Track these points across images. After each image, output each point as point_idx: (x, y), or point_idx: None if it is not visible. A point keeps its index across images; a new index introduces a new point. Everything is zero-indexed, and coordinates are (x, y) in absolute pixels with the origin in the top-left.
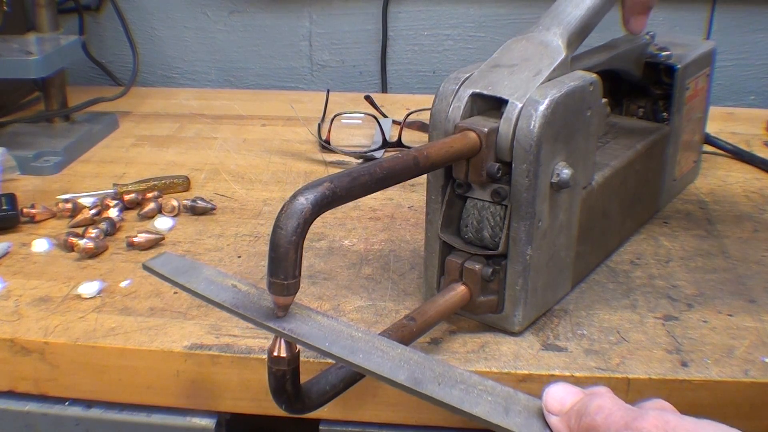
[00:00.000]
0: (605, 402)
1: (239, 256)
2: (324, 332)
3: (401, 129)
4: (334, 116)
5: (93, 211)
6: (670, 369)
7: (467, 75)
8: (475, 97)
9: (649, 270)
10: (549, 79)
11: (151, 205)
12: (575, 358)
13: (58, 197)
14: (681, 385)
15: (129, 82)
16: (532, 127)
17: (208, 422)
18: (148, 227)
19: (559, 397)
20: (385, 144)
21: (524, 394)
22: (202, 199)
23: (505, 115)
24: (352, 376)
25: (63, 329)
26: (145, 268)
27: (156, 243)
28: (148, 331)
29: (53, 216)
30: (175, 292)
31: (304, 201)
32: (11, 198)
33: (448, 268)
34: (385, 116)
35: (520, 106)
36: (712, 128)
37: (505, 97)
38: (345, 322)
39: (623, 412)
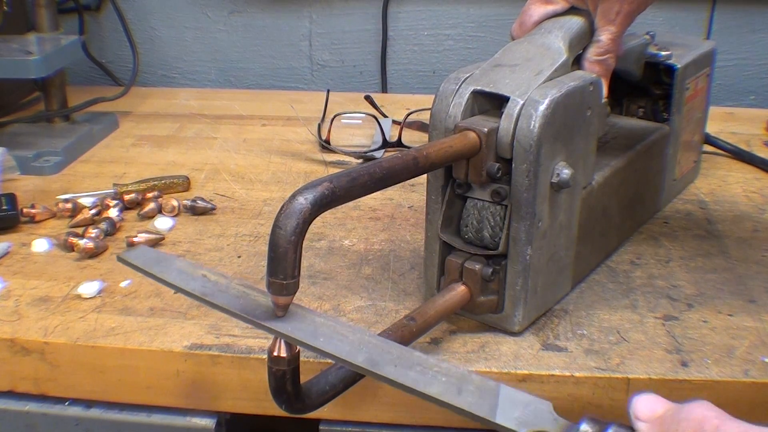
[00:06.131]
0: (709, 411)
1: (239, 256)
2: (288, 316)
3: (401, 129)
4: (334, 116)
5: (93, 211)
6: (670, 369)
7: (468, 74)
8: (476, 95)
9: (649, 270)
10: (550, 79)
11: (151, 205)
12: (575, 358)
13: (58, 197)
14: (681, 385)
15: (129, 82)
16: (532, 126)
17: (208, 422)
18: (148, 227)
19: (649, 404)
20: (385, 144)
21: (478, 375)
22: (202, 199)
23: (506, 111)
24: (352, 376)
25: (63, 329)
26: (119, 259)
27: (156, 243)
28: (148, 331)
29: (53, 216)
30: (175, 292)
31: (304, 201)
32: (11, 198)
33: (448, 268)
34: (385, 116)
35: (521, 102)
36: (712, 128)
37: (506, 94)
38: (309, 309)
39: (738, 425)
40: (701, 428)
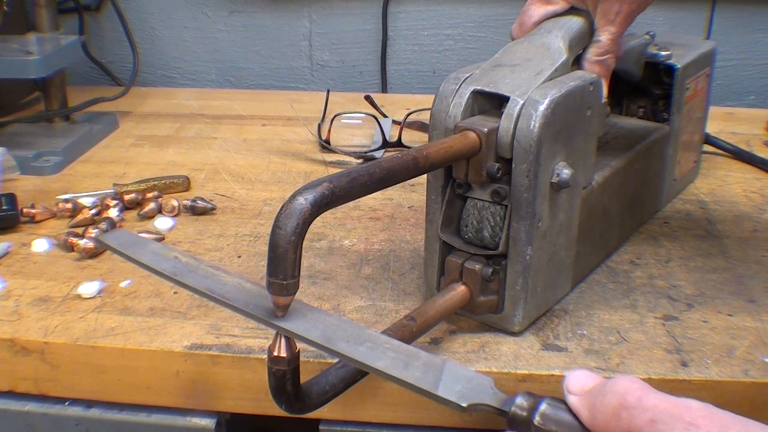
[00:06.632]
0: (633, 384)
1: (239, 256)
2: (242, 294)
3: (401, 129)
4: (334, 116)
5: (93, 211)
6: (670, 369)
7: (468, 74)
8: (476, 95)
9: (649, 270)
10: (550, 79)
11: (151, 205)
12: (575, 358)
13: (58, 197)
14: (681, 385)
15: (129, 82)
16: (532, 126)
17: (208, 422)
18: (148, 227)
19: (580, 379)
20: (385, 144)
21: (427, 353)
22: (202, 199)
23: (506, 111)
24: (353, 376)
25: (63, 329)
26: (97, 241)
27: None
28: (148, 331)
29: (53, 216)
30: (175, 292)
31: (303, 201)
32: (11, 198)
33: (448, 268)
34: (385, 116)
35: (521, 102)
36: (712, 128)
37: (506, 94)
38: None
39: (658, 396)
40: (624, 399)
